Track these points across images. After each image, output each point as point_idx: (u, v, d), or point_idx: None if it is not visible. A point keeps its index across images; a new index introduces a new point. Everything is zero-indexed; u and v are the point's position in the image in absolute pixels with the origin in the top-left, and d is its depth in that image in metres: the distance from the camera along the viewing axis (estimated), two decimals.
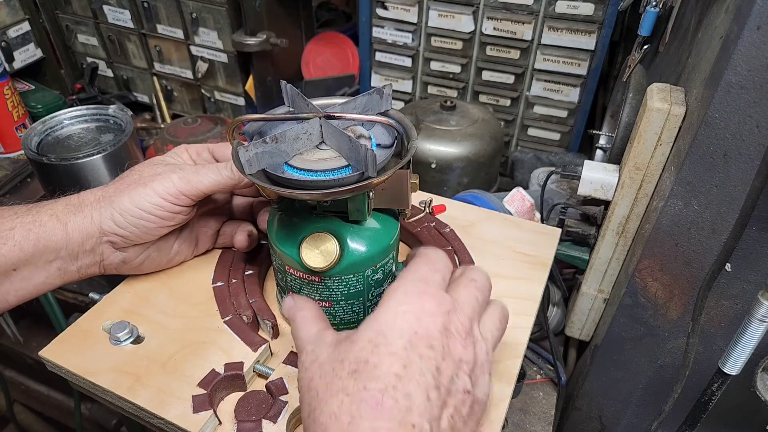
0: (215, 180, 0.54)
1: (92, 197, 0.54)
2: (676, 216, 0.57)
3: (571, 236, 0.77)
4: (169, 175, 0.53)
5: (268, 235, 0.52)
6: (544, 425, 0.76)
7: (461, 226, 0.66)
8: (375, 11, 1.15)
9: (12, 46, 1.22)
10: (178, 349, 0.52)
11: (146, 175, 0.54)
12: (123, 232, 0.53)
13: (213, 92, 1.31)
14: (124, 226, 0.53)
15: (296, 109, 0.51)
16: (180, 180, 0.53)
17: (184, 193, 0.53)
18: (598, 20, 1.00)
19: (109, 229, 0.53)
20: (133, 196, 0.52)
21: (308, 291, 0.51)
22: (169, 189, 0.52)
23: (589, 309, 0.77)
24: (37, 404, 1.30)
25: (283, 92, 0.51)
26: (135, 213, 0.52)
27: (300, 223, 0.50)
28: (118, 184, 0.54)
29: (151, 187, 0.52)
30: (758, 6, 0.44)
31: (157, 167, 0.55)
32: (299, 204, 0.51)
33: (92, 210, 0.53)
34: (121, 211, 0.52)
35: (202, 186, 0.53)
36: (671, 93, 0.59)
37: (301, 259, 0.47)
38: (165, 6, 1.21)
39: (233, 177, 0.54)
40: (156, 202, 0.52)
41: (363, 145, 0.42)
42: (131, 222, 0.53)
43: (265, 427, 0.46)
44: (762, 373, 0.60)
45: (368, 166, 0.42)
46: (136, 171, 0.55)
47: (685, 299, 0.61)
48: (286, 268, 0.51)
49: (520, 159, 1.13)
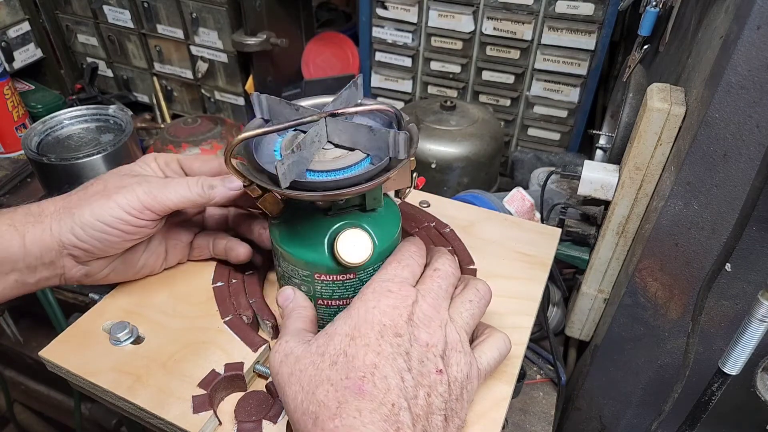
0: (183, 196, 0.52)
1: (53, 207, 0.51)
2: (676, 216, 0.57)
3: (571, 236, 0.77)
4: (134, 188, 0.51)
5: (283, 250, 0.49)
6: (544, 425, 0.75)
7: (461, 226, 0.66)
8: (375, 11, 1.15)
9: (12, 46, 1.22)
10: (178, 349, 0.52)
11: (110, 186, 0.51)
12: (84, 246, 0.50)
13: (213, 92, 1.31)
14: (85, 240, 0.50)
15: (281, 117, 0.49)
16: (145, 194, 0.50)
17: (149, 208, 0.51)
18: (598, 20, 1.00)
19: (69, 242, 0.50)
20: (94, 209, 0.50)
21: (342, 292, 0.50)
22: (132, 203, 0.50)
23: (589, 309, 0.77)
24: (37, 404, 1.30)
25: (255, 104, 0.50)
26: (96, 227, 0.50)
27: (317, 227, 0.48)
28: (81, 194, 0.51)
29: (114, 200, 0.50)
30: (758, 6, 0.44)
31: (123, 178, 0.52)
32: (307, 209, 0.50)
33: (52, 221, 0.50)
34: (81, 225, 0.50)
35: (168, 202, 0.51)
36: (671, 93, 0.59)
37: (339, 258, 0.46)
38: (165, 6, 1.21)
39: (203, 194, 0.52)
40: (119, 216, 0.50)
41: (391, 131, 0.44)
42: (92, 236, 0.50)
43: (265, 427, 0.46)
44: (762, 373, 0.60)
45: (400, 148, 0.44)
46: (101, 181, 0.53)
47: (685, 299, 0.61)
48: (315, 276, 0.49)
49: (520, 159, 1.13)
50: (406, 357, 0.40)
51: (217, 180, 0.53)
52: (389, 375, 0.38)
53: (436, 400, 0.40)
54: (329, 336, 0.41)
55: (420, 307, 0.42)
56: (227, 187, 0.53)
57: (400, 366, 0.39)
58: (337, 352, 0.40)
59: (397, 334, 0.40)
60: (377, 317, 0.41)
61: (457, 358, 0.42)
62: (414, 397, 0.38)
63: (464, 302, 0.46)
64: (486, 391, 0.48)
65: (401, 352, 0.40)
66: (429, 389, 0.40)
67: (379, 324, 0.40)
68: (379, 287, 0.43)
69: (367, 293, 0.43)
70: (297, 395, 0.39)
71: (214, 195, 0.52)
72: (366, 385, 0.38)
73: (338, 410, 0.37)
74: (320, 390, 0.38)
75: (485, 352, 0.45)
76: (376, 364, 0.38)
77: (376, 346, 0.39)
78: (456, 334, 0.43)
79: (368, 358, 0.39)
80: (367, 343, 0.40)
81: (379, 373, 0.38)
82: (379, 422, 0.36)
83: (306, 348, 0.41)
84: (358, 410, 0.36)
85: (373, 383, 0.38)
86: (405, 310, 0.42)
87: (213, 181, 0.53)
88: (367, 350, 0.39)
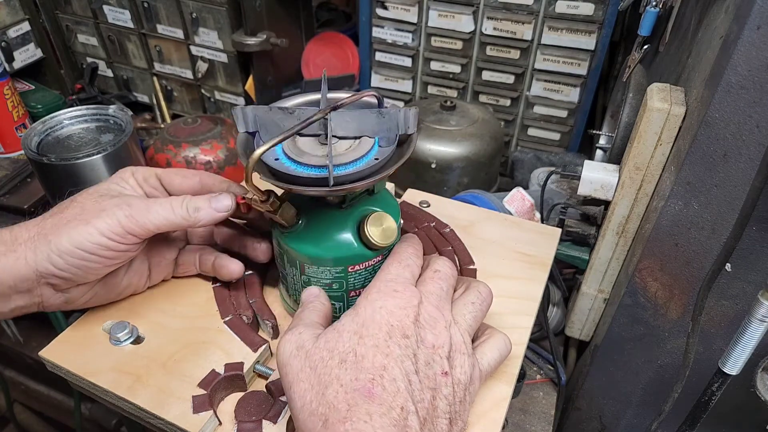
0: (167, 219, 0.49)
1: (26, 234, 0.47)
2: (676, 216, 0.57)
3: (571, 236, 0.77)
4: (114, 211, 0.48)
5: (310, 256, 0.49)
6: (544, 425, 0.75)
7: (461, 226, 0.66)
8: (375, 11, 1.15)
9: (12, 46, 1.22)
10: (178, 349, 0.52)
11: (88, 209, 0.48)
12: (64, 275, 0.48)
13: (213, 92, 1.31)
14: (64, 268, 0.47)
15: (272, 125, 0.49)
16: (126, 218, 0.48)
17: (130, 232, 0.48)
18: (598, 20, 1.00)
19: (47, 271, 0.47)
20: (72, 236, 0.46)
21: (371, 277, 0.50)
22: (113, 228, 0.47)
23: (589, 309, 0.77)
24: (37, 404, 1.30)
25: (237, 119, 0.48)
26: (76, 254, 0.47)
27: (339, 222, 0.49)
28: (56, 219, 0.48)
29: (93, 225, 0.47)
30: (758, 6, 0.44)
31: (101, 200, 0.49)
32: (320, 210, 0.50)
33: (26, 250, 0.47)
34: (59, 253, 0.46)
35: (151, 225, 0.49)
36: (671, 93, 0.59)
37: (373, 243, 0.47)
38: (165, 6, 1.21)
39: (188, 217, 0.50)
40: (99, 242, 0.47)
41: (401, 108, 0.47)
42: (72, 263, 0.47)
43: (265, 427, 0.46)
44: (762, 373, 0.60)
45: (410, 123, 0.47)
46: (77, 204, 0.49)
47: (685, 299, 0.61)
48: (348, 270, 0.49)
49: (520, 159, 1.13)
50: (414, 359, 0.40)
51: (203, 201, 0.50)
52: (398, 377, 0.38)
53: (441, 403, 0.40)
54: (338, 332, 0.41)
55: (425, 308, 0.42)
56: (214, 209, 0.50)
57: (408, 368, 0.39)
58: (346, 350, 0.39)
59: (404, 335, 0.40)
60: (385, 318, 0.41)
61: (461, 360, 0.42)
62: (421, 401, 0.38)
63: (466, 304, 0.46)
64: (486, 392, 0.48)
65: (409, 354, 0.39)
66: (434, 392, 0.40)
67: (387, 325, 0.40)
68: (384, 287, 0.43)
69: (372, 293, 0.43)
70: (306, 394, 0.38)
71: (199, 218, 0.50)
72: (375, 388, 0.37)
73: (348, 413, 0.36)
74: (330, 390, 0.38)
75: (486, 353, 0.46)
76: (385, 365, 0.38)
77: (384, 348, 0.39)
78: (460, 336, 0.43)
79: (377, 359, 0.38)
80: (376, 343, 0.39)
81: (388, 375, 0.38)
82: (389, 427, 0.36)
83: (316, 342, 0.41)
84: (368, 414, 0.36)
85: (383, 386, 0.37)
86: (411, 311, 0.41)
87: (198, 202, 0.50)
88: (377, 351, 0.39)
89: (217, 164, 1.05)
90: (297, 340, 0.41)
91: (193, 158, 1.04)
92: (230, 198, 0.51)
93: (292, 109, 0.48)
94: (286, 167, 0.46)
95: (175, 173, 0.55)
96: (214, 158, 1.05)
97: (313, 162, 0.46)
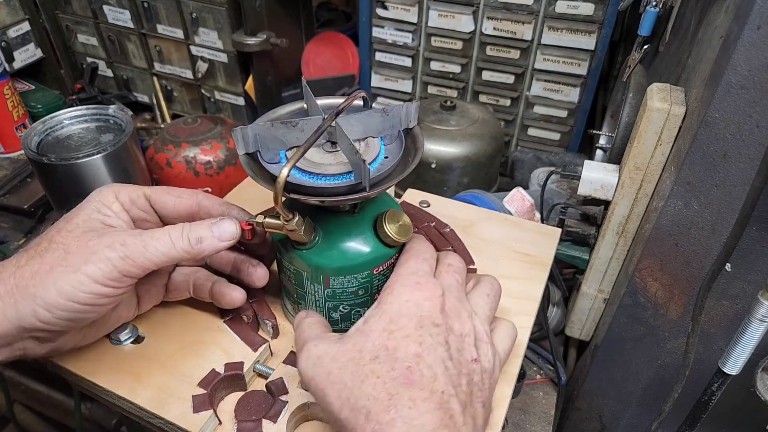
0: (167, 255, 0.43)
1: (2, 288, 0.41)
2: (676, 216, 0.57)
3: (571, 236, 0.77)
4: (106, 254, 0.42)
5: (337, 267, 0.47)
6: (544, 425, 0.76)
7: (461, 226, 0.66)
8: (375, 11, 1.15)
9: (12, 46, 1.22)
10: (178, 349, 0.52)
11: (74, 252, 0.42)
12: (52, 328, 0.42)
13: (213, 92, 1.31)
14: (53, 322, 0.42)
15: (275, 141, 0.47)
16: (121, 260, 0.42)
17: (128, 275, 0.43)
18: (598, 20, 1.00)
19: (33, 326, 0.41)
20: (60, 286, 0.41)
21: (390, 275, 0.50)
22: (108, 273, 0.41)
23: (589, 309, 0.77)
24: (37, 404, 1.30)
25: (237, 140, 0.46)
26: (66, 306, 0.41)
27: (357, 228, 0.49)
28: (36, 266, 0.41)
29: (83, 272, 0.41)
30: (758, 6, 0.44)
31: (86, 239, 0.42)
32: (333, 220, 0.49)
33: (5, 306, 0.41)
34: (47, 306, 0.41)
35: (150, 264, 0.43)
36: (671, 93, 0.59)
37: (394, 240, 0.47)
38: (165, 6, 1.21)
39: (191, 250, 0.44)
40: (93, 291, 0.41)
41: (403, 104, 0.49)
42: (62, 316, 0.42)
43: (265, 427, 0.46)
44: (762, 373, 0.60)
45: (411, 117, 0.50)
46: (58, 245, 0.42)
47: (685, 299, 0.61)
48: (373, 272, 0.49)
49: (520, 159, 1.13)
50: (446, 346, 0.40)
51: (204, 229, 0.45)
52: (433, 364, 0.38)
53: (475, 388, 0.40)
54: (365, 333, 0.40)
55: (448, 298, 0.43)
56: (217, 238, 0.45)
57: (442, 355, 0.39)
58: (377, 347, 0.39)
59: (435, 324, 0.40)
60: (413, 310, 0.41)
61: (485, 348, 0.43)
62: (458, 385, 0.39)
63: (482, 296, 0.47)
64: None
65: (441, 341, 0.40)
66: (468, 378, 0.40)
67: (416, 316, 0.40)
68: (407, 281, 0.43)
69: (396, 287, 0.43)
70: (341, 393, 0.38)
71: (203, 249, 0.45)
72: (414, 375, 0.37)
73: (391, 402, 0.36)
74: (367, 384, 0.37)
75: (499, 342, 0.46)
76: (419, 353, 0.38)
77: (416, 337, 0.39)
78: (481, 325, 0.44)
79: (411, 348, 0.39)
80: (407, 334, 0.39)
81: (423, 362, 0.38)
82: (435, 410, 0.36)
83: (341, 346, 0.40)
84: (411, 400, 0.36)
85: (420, 372, 0.37)
86: (438, 301, 0.42)
87: (200, 231, 0.45)
88: (408, 341, 0.39)
89: (217, 164, 1.05)
90: (315, 353, 0.41)
91: (193, 158, 1.04)
92: (234, 224, 0.47)
93: (295, 122, 0.47)
94: (307, 181, 0.45)
95: (166, 192, 0.49)
96: (214, 158, 1.05)
97: (331, 171, 0.45)
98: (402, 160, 0.48)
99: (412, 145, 0.50)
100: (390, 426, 0.35)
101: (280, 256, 0.51)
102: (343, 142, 0.45)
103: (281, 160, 0.48)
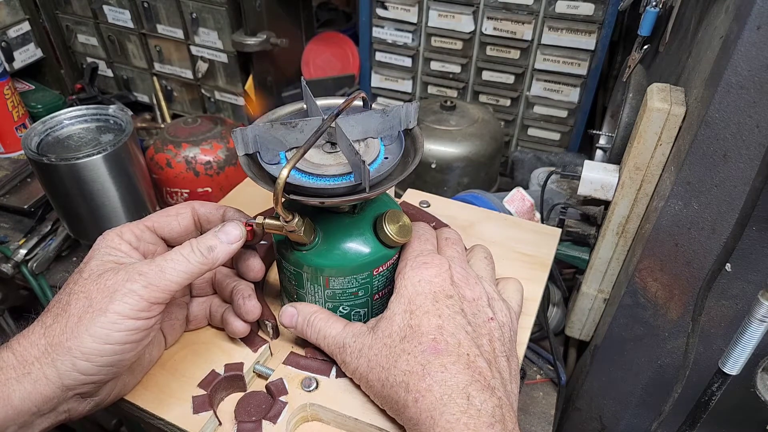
0: (185, 272, 0.43)
1: (35, 350, 0.40)
2: (676, 216, 0.57)
3: (571, 236, 0.77)
4: (128, 286, 0.41)
5: (337, 268, 0.48)
6: (544, 425, 0.76)
7: (461, 226, 0.66)
8: (375, 11, 1.15)
9: (12, 46, 1.22)
10: (178, 349, 0.52)
11: (96, 297, 0.41)
12: (95, 379, 0.41)
13: (213, 92, 1.31)
14: (95, 372, 0.41)
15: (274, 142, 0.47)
16: (146, 289, 0.41)
17: (155, 302, 0.42)
18: (598, 20, 1.00)
19: (76, 382, 0.41)
20: (93, 332, 0.40)
21: (391, 275, 0.51)
22: (136, 305, 0.41)
23: (589, 309, 0.77)
24: None
25: (237, 141, 0.46)
26: (105, 351, 0.40)
27: (357, 230, 0.49)
28: (65, 321, 0.41)
29: (112, 311, 0.40)
30: (758, 6, 0.44)
31: (104, 281, 0.42)
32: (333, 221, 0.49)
33: (43, 367, 0.40)
34: (86, 356, 0.40)
35: (173, 285, 0.43)
36: (671, 93, 0.59)
37: (394, 240, 0.48)
38: (165, 6, 1.21)
39: (205, 261, 0.44)
40: (127, 327, 0.41)
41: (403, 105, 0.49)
42: (104, 363, 0.41)
43: (265, 427, 0.46)
44: (762, 373, 0.60)
45: (411, 117, 0.50)
46: (80, 294, 0.42)
47: (685, 299, 0.61)
48: (373, 273, 0.49)
49: (520, 159, 1.13)
50: (463, 313, 0.44)
51: (212, 238, 0.45)
52: (455, 331, 0.43)
53: (497, 344, 0.44)
54: (389, 319, 0.45)
55: (455, 270, 0.47)
56: (226, 243, 0.46)
57: (461, 322, 0.44)
58: (402, 328, 0.44)
59: (448, 296, 0.45)
60: (425, 287, 0.45)
61: (498, 305, 0.47)
62: (480, 345, 0.43)
63: (481, 260, 0.52)
64: None
65: (457, 310, 0.44)
66: (489, 336, 0.44)
67: (430, 293, 0.45)
68: (414, 263, 0.47)
69: (406, 271, 0.47)
70: (380, 375, 0.43)
71: (216, 257, 0.45)
72: (440, 344, 0.42)
73: (425, 371, 0.41)
74: (401, 362, 0.42)
75: (510, 297, 0.51)
76: (440, 325, 0.43)
77: (435, 311, 0.44)
78: (489, 286, 0.49)
79: (432, 321, 0.43)
80: (426, 310, 0.44)
81: (445, 331, 0.43)
82: (465, 371, 0.41)
83: (373, 335, 0.45)
84: (442, 365, 0.41)
85: (445, 341, 0.42)
86: (446, 275, 0.46)
87: (208, 240, 0.45)
88: (429, 316, 0.43)
89: (217, 164, 1.05)
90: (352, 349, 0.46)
91: (193, 158, 1.04)
92: (237, 226, 0.47)
93: (294, 123, 0.47)
94: (307, 181, 0.45)
95: (165, 215, 0.49)
96: (214, 158, 1.05)
97: (331, 172, 0.45)
98: (402, 160, 0.48)
99: (412, 146, 0.50)
100: (428, 391, 0.40)
101: (280, 256, 0.51)
102: (343, 142, 0.45)
103: (281, 161, 0.48)
